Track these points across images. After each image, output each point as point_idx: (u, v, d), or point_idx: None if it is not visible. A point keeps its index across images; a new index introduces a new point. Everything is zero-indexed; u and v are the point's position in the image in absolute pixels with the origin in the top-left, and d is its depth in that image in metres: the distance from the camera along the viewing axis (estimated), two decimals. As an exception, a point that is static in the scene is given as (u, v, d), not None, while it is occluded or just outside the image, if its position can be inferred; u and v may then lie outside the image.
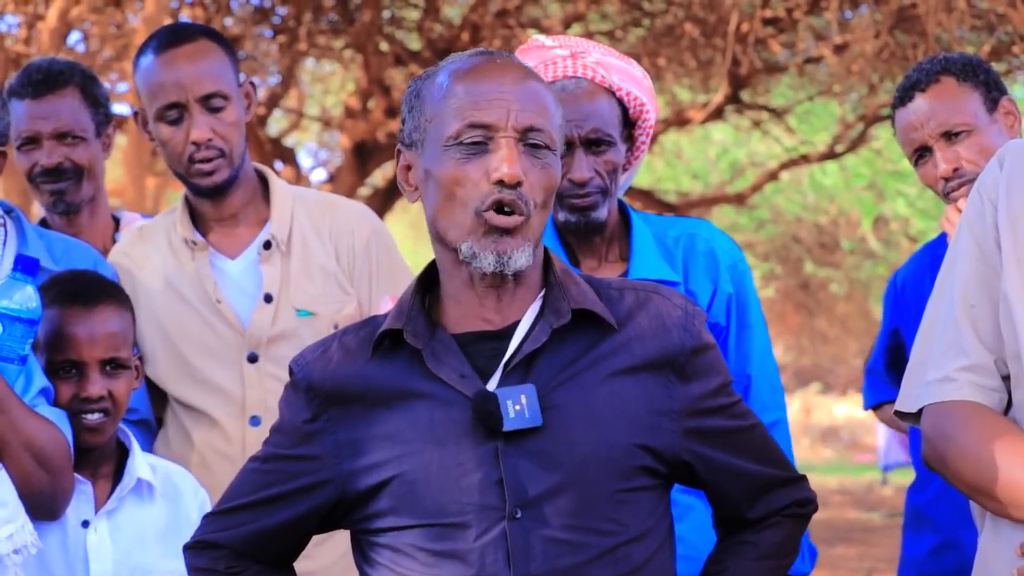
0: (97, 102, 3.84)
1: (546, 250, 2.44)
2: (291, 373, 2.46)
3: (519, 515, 2.30)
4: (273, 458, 2.46)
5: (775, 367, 3.43)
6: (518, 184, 2.29)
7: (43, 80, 3.78)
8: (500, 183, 2.29)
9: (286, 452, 2.44)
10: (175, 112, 3.33)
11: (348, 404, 2.39)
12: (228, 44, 3.43)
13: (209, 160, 3.34)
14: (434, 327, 2.38)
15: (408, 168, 2.42)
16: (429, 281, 2.44)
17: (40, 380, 2.87)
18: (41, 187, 3.79)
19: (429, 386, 2.35)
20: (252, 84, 3.46)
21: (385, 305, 3.25)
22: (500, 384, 2.33)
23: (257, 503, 2.45)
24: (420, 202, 2.42)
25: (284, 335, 3.39)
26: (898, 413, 2.46)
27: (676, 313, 2.40)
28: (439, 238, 2.38)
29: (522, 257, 2.32)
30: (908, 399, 2.43)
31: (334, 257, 3.45)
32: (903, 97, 3.47)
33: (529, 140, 2.32)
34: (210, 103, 3.33)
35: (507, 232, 2.31)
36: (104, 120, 3.85)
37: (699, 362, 2.40)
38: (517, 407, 2.30)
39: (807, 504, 2.50)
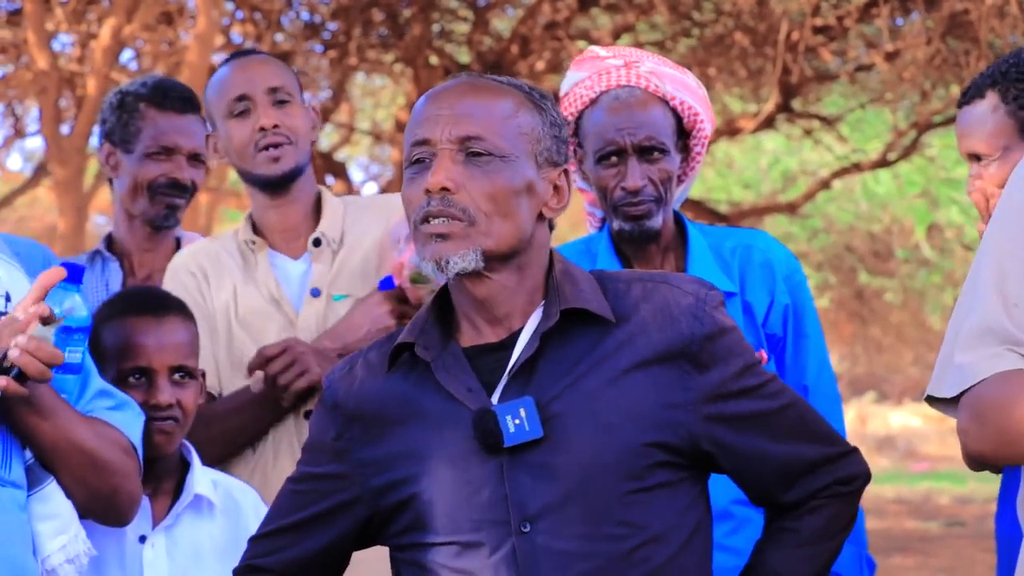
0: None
1: (552, 256, 2.41)
2: (323, 390, 2.48)
3: (527, 529, 2.29)
4: (307, 478, 2.48)
5: (832, 378, 3.41)
6: (444, 191, 2.29)
7: (188, 99, 3.90)
8: (427, 192, 2.30)
9: (318, 471, 2.46)
10: (244, 104, 3.42)
11: (368, 422, 2.40)
12: (295, 74, 3.58)
13: (277, 145, 3.41)
14: (448, 340, 2.38)
15: None
16: (449, 296, 2.44)
17: (97, 383, 2.87)
18: (159, 198, 3.86)
19: (441, 401, 2.35)
20: (315, 110, 3.55)
21: (397, 229, 3.28)
22: (503, 395, 2.32)
23: (296, 525, 2.47)
24: None
25: None
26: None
27: (686, 301, 2.35)
28: None
29: (462, 261, 2.29)
30: (946, 383, 2.26)
31: None
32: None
33: (470, 149, 2.31)
34: (276, 96, 3.42)
35: (442, 236, 2.30)
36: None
37: (715, 348, 2.34)
38: (516, 421, 2.28)
39: (852, 480, 2.42)
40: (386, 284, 3.33)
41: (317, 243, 3.47)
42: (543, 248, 2.39)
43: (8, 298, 2.74)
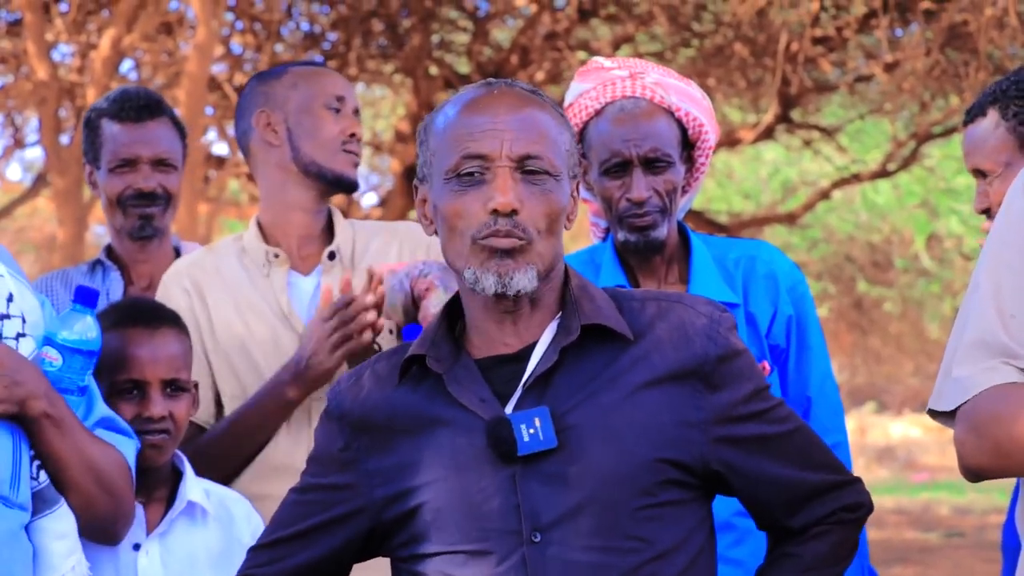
0: (183, 133, 3.94)
1: (566, 269, 2.43)
2: (327, 401, 2.48)
3: (538, 539, 2.29)
4: (311, 488, 2.48)
5: (835, 389, 3.41)
6: (513, 212, 2.30)
7: (145, 106, 3.87)
8: (495, 212, 2.30)
9: (322, 482, 2.46)
10: (340, 105, 3.49)
11: (376, 432, 2.41)
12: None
13: (356, 155, 3.49)
14: (459, 352, 2.39)
15: (424, 202, 2.43)
16: (459, 308, 2.44)
17: (101, 409, 2.88)
18: (130, 210, 3.85)
19: (452, 412, 2.35)
20: None
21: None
22: (517, 407, 2.32)
23: (297, 535, 2.46)
24: None
25: None
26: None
27: (700, 321, 2.37)
28: (452, 268, 2.39)
29: (524, 279, 2.31)
30: (945, 397, 2.28)
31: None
32: None
33: (527, 167, 2.32)
34: (358, 117, 3.53)
35: (507, 253, 2.31)
36: (185, 151, 3.94)
37: (727, 369, 2.36)
38: (531, 431, 2.29)
39: (857, 508, 2.44)
40: (410, 334, 3.28)
41: (332, 256, 3.46)
42: (562, 260, 2.41)
43: (11, 299, 2.75)
